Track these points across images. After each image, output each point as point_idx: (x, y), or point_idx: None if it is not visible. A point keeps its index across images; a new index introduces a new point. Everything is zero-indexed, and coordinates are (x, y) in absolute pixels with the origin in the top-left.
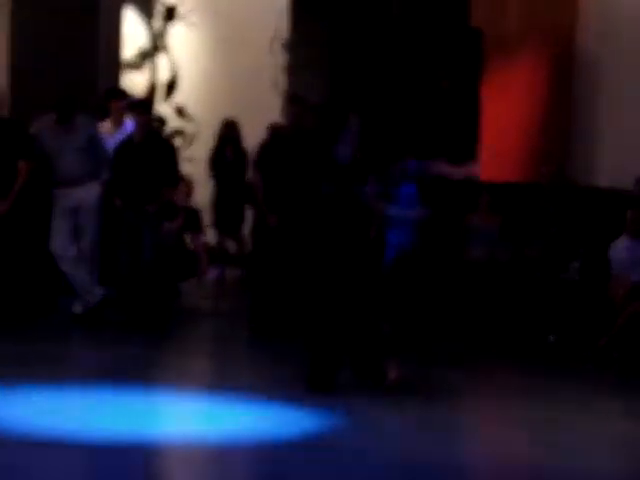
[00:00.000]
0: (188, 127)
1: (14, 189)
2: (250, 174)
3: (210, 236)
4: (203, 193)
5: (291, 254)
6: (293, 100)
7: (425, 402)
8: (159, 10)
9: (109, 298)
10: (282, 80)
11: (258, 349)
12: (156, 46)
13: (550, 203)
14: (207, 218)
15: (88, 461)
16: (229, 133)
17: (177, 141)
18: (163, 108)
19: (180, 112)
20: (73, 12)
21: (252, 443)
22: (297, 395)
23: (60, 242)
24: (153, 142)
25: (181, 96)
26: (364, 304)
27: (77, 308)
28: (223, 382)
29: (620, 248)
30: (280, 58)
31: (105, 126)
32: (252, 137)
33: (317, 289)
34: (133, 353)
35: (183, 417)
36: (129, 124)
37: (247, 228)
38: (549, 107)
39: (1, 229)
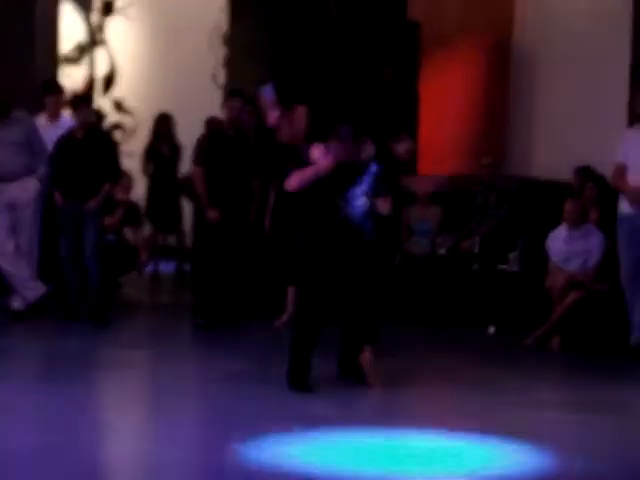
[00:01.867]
0: (127, 121)
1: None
2: (189, 168)
3: (147, 230)
4: (140, 188)
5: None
6: (232, 94)
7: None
8: (97, 3)
9: (49, 293)
10: (221, 73)
11: (201, 342)
12: (94, 40)
13: (488, 195)
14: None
15: None
16: (163, 127)
17: (116, 135)
18: (102, 102)
19: (119, 106)
20: (8, 4)
21: None
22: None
23: None
24: (94, 137)
25: (120, 90)
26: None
27: (16, 304)
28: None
29: (558, 238)
30: (219, 51)
31: (41, 120)
32: (191, 131)
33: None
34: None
35: None
36: (66, 119)
37: (186, 223)
38: (487, 100)
39: None
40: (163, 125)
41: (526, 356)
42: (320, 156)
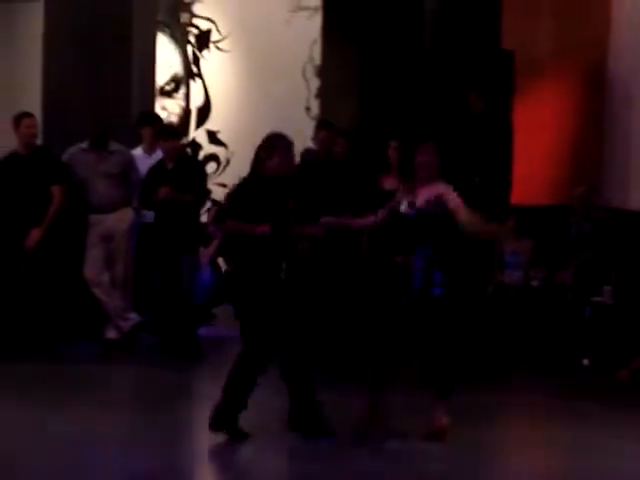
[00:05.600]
0: (221, 153)
1: (48, 215)
2: None
3: None
4: None
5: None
6: (322, 125)
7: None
8: (192, 37)
9: (143, 323)
10: (315, 105)
11: None
12: (189, 72)
13: (583, 225)
14: None
15: None
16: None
17: (210, 167)
18: (196, 134)
19: (213, 138)
20: (106, 38)
21: None
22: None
23: (93, 269)
24: (184, 167)
25: (214, 122)
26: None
27: (111, 333)
28: None
29: None
30: (313, 83)
31: (137, 151)
32: None
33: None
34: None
35: None
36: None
37: None
38: (581, 128)
39: (36, 255)
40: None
41: (621, 389)
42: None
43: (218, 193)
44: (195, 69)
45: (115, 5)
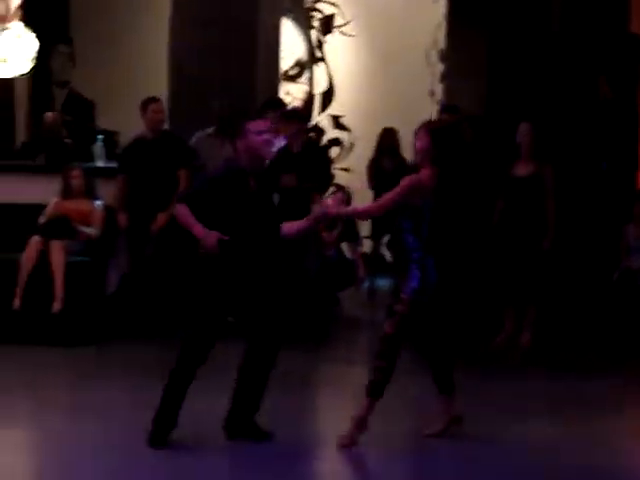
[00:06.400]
0: (344, 137)
1: (174, 199)
2: None
3: (366, 246)
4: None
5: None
6: (446, 109)
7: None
8: (316, 21)
9: None
10: (438, 89)
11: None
12: (313, 57)
13: None
14: (364, 228)
15: None
16: (387, 142)
17: (334, 151)
18: (320, 119)
19: (336, 123)
20: (232, 25)
21: None
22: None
23: None
24: (309, 152)
25: (338, 107)
26: None
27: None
28: None
29: None
30: (436, 68)
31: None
32: (408, 147)
33: None
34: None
35: None
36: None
37: None
38: None
39: (163, 238)
40: (387, 139)
41: None
42: None
43: (341, 177)
44: (319, 53)
45: None
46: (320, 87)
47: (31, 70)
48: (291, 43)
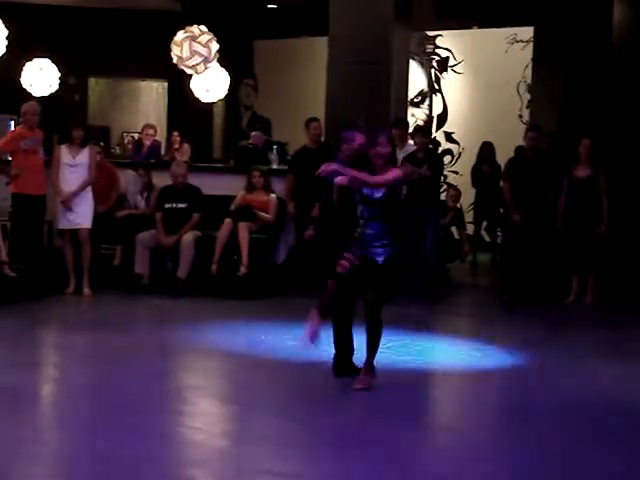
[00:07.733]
0: (454, 149)
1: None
2: (501, 183)
3: (470, 229)
4: (465, 198)
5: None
6: (532, 128)
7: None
8: (435, 62)
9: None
10: (525, 114)
11: (503, 312)
12: (432, 89)
13: None
14: (468, 216)
15: None
16: (486, 151)
17: (446, 158)
18: (437, 135)
19: (448, 137)
20: (372, 62)
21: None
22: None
23: None
24: (430, 158)
25: (450, 126)
26: None
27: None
28: (477, 332)
29: None
30: (525, 97)
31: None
32: (504, 156)
33: None
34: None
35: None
36: (410, 145)
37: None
38: None
39: (320, 222)
40: (486, 150)
41: None
42: None
43: (452, 178)
44: (436, 86)
45: (377, 41)
46: (437, 111)
47: (225, 97)
48: (416, 78)
